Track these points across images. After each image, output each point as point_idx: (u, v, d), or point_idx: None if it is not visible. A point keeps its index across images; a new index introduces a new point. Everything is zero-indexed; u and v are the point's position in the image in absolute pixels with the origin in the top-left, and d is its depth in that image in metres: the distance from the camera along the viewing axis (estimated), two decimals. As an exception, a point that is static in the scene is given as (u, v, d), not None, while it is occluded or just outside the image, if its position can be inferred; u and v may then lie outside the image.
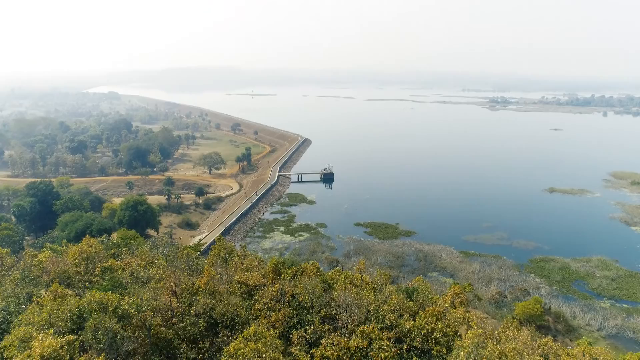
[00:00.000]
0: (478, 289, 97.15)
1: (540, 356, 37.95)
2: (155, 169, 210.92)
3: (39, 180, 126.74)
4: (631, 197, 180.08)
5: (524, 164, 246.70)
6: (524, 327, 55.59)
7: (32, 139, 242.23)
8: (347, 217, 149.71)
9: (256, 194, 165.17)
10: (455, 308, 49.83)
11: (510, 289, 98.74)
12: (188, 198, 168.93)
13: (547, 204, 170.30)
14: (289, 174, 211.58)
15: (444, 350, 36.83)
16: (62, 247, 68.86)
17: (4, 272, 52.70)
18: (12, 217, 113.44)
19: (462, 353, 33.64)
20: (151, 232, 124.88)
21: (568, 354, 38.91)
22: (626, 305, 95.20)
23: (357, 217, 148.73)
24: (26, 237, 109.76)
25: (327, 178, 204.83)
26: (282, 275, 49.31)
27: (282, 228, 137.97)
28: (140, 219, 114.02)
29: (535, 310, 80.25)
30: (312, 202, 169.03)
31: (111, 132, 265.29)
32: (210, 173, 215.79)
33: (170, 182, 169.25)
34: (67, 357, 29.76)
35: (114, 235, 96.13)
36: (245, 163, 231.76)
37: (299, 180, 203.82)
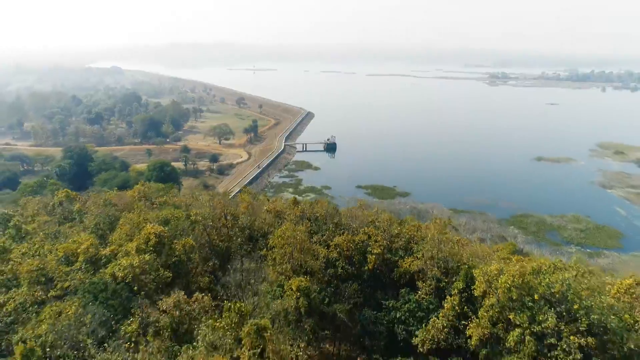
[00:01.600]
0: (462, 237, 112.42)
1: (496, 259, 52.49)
2: (168, 139, 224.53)
3: (73, 145, 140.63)
4: (612, 165, 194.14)
5: (515, 136, 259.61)
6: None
7: (49, 111, 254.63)
8: (349, 181, 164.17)
9: (258, 167, 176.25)
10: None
11: (491, 237, 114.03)
12: (202, 164, 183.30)
13: (534, 171, 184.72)
14: (295, 144, 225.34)
15: (420, 248, 51.64)
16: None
17: (83, 209, 67.33)
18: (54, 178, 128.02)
19: (427, 246, 48.64)
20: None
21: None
22: (590, 250, 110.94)
23: (358, 181, 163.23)
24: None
25: (330, 148, 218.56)
26: (301, 205, 64.00)
27: (290, 189, 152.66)
28: (166, 178, 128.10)
29: (508, 249, 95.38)
30: (317, 169, 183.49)
31: (123, 105, 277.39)
32: (220, 143, 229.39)
33: (186, 149, 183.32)
34: (167, 239, 44.56)
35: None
36: (252, 134, 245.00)
37: (304, 149, 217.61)
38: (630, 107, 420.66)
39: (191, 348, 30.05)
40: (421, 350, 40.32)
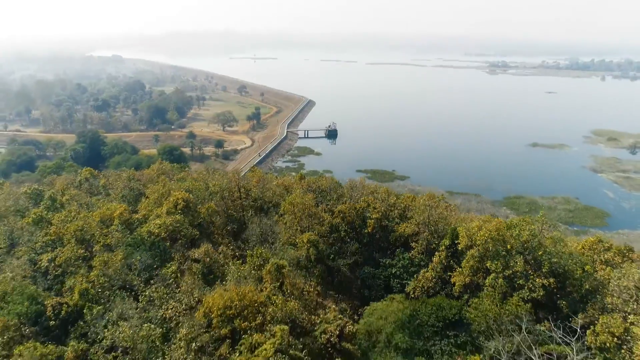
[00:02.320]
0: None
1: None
2: (173, 126, 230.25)
3: (87, 130, 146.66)
4: (604, 151, 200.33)
5: (512, 123, 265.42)
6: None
7: (56, 99, 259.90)
8: (349, 165, 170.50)
9: (259, 155, 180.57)
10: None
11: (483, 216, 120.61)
12: (208, 150, 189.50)
13: (528, 156, 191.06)
14: (297, 130, 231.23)
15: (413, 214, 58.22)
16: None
17: (108, 184, 73.66)
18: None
19: (420, 211, 55.15)
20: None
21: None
22: (577, 228, 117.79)
23: (358, 165, 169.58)
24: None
25: (331, 134, 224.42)
26: (307, 179, 70.47)
27: (293, 173, 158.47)
28: (175, 162, 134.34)
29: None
30: (318, 154, 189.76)
31: (128, 93, 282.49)
32: (223, 130, 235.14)
33: (192, 135, 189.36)
34: (192, 204, 51.06)
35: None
36: (254, 121, 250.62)
37: (306, 136, 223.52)
38: (628, 96, 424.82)
39: (222, 284, 36.66)
40: (412, 296, 47.03)
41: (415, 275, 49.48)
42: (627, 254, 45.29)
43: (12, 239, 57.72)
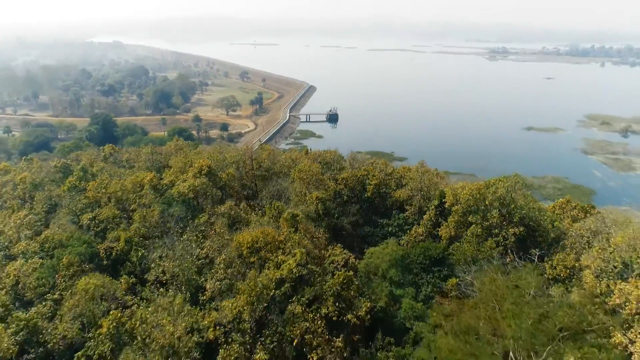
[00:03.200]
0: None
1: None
2: (178, 111, 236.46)
3: (99, 112, 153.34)
4: (597, 134, 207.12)
5: (509, 108, 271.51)
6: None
7: (62, 84, 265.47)
8: (350, 147, 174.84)
9: (260, 140, 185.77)
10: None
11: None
12: (213, 133, 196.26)
13: (523, 139, 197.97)
14: (299, 115, 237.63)
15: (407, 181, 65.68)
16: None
17: (131, 158, 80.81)
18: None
19: (413, 178, 62.55)
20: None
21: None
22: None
23: (358, 148, 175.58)
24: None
25: (333, 118, 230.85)
26: (312, 152, 77.74)
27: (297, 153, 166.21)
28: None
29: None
30: (320, 137, 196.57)
31: (133, 79, 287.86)
32: (227, 114, 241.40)
33: (198, 119, 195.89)
34: (214, 170, 58.37)
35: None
36: (257, 106, 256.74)
37: (308, 120, 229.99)
38: (624, 82, 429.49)
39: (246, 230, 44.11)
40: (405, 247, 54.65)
41: (408, 231, 57.05)
42: (589, 210, 52.86)
43: (51, 203, 65.27)
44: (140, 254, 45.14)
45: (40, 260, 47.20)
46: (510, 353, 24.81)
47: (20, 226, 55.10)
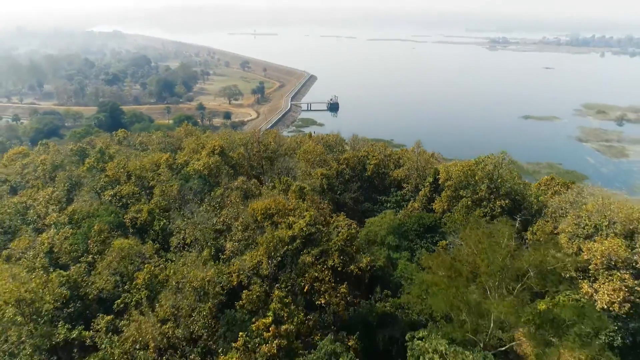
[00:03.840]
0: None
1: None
2: (181, 99, 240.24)
3: (106, 101, 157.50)
4: (592, 123, 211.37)
5: (507, 97, 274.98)
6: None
7: (66, 73, 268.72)
8: (350, 135, 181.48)
9: (260, 130, 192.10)
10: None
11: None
12: (217, 121, 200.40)
13: (520, 126, 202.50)
14: (300, 103, 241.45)
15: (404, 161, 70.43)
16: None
17: (145, 141, 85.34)
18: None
19: (408, 162, 67.31)
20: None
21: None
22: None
23: (358, 135, 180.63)
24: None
25: (333, 107, 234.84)
26: (316, 135, 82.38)
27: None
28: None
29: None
30: (321, 125, 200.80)
31: (136, 68, 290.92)
32: (229, 103, 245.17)
33: (202, 107, 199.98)
34: (226, 150, 63.03)
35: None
36: (259, 95, 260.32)
37: (309, 108, 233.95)
38: (623, 72, 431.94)
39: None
40: (402, 220, 59.56)
41: (405, 206, 61.98)
42: (569, 185, 57.73)
43: (71, 183, 70.00)
44: (162, 223, 49.98)
45: (70, 229, 52.09)
46: (486, 287, 29.66)
47: (48, 201, 59.95)
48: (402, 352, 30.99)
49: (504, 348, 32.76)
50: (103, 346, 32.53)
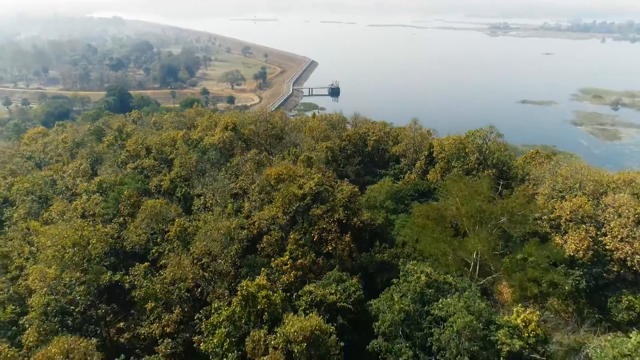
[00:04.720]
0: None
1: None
2: (185, 84, 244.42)
3: (109, 85, 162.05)
4: (588, 107, 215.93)
5: (505, 82, 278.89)
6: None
7: (71, 58, 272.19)
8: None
9: (267, 110, 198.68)
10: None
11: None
12: (220, 106, 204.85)
13: (517, 111, 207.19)
14: (301, 88, 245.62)
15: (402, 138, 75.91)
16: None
17: (158, 121, 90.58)
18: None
19: (406, 138, 72.76)
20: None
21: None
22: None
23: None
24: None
25: (334, 92, 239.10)
26: (320, 115, 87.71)
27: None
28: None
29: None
30: (322, 109, 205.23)
31: (139, 54, 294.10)
32: (232, 88, 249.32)
33: (206, 91, 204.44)
34: (238, 126, 68.46)
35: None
36: (261, 80, 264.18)
37: (310, 93, 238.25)
38: (622, 57, 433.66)
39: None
40: (400, 189, 65.22)
41: (402, 178, 67.63)
42: (551, 157, 63.34)
43: (93, 158, 75.53)
44: (183, 190, 55.72)
45: (100, 196, 57.84)
46: (466, 227, 35.36)
47: (76, 173, 65.62)
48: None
49: (483, 286, 38.76)
50: (144, 285, 38.44)
